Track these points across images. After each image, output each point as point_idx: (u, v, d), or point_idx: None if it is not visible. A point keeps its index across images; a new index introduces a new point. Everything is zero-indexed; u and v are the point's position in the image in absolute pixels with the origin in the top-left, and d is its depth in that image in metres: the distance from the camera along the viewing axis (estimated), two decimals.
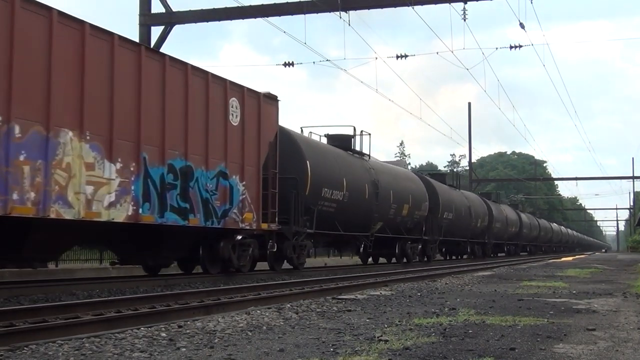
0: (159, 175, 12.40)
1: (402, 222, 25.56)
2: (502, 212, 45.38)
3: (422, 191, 27.86)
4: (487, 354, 4.75)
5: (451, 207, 32.01)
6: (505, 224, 45.81)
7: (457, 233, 33.88)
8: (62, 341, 5.27)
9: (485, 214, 39.56)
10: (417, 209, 26.67)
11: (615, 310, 7.97)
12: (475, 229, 37.25)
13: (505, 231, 46.18)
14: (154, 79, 12.40)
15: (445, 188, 32.90)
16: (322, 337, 5.53)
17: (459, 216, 33.22)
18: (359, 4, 21.17)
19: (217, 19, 22.53)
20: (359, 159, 22.77)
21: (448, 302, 8.74)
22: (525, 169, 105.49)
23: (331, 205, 19.47)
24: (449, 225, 31.71)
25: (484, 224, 39.09)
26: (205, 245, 14.78)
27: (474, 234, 37.64)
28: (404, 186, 25.86)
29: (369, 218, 22.47)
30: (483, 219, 38.83)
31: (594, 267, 23.40)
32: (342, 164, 20.78)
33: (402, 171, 28.57)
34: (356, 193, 21.04)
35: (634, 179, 69.91)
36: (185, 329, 6.02)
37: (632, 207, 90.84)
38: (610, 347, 5.21)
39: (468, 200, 36.02)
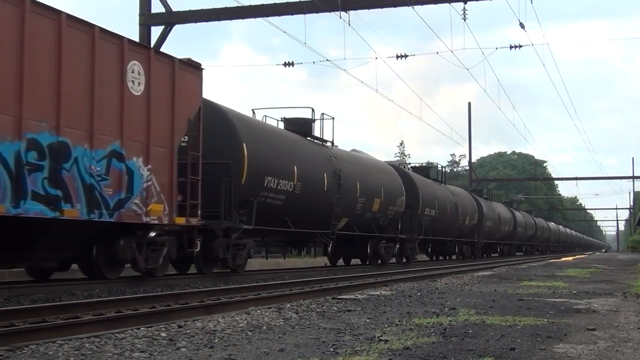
0: (12, 153, 9.53)
1: (372, 218, 22.92)
2: (494, 210, 43.11)
3: (397, 184, 25.04)
4: (487, 354, 4.75)
5: (434, 202, 29.48)
6: (498, 223, 43.37)
7: (442, 231, 31.43)
8: (62, 341, 5.27)
9: (474, 212, 36.93)
10: (392, 203, 24.06)
11: (615, 310, 7.98)
12: (463, 227, 34.88)
13: (498, 230, 43.85)
14: (7, 24, 9.67)
15: (427, 182, 30.27)
16: (322, 337, 5.54)
17: (443, 213, 30.75)
18: (359, 4, 21.17)
19: (217, 19, 22.53)
20: (318, 145, 20.14)
21: (448, 302, 8.74)
22: (525, 169, 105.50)
23: (277, 197, 16.81)
24: (432, 222, 29.33)
25: (472, 222, 36.59)
26: (100, 244, 12.13)
27: (462, 232, 35.34)
28: (374, 178, 23.10)
29: (328, 213, 19.73)
30: (472, 217, 36.28)
31: (594, 267, 23.40)
32: (294, 150, 18.09)
33: (372, 161, 25.38)
34: (311, 184, 18.39)
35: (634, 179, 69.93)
36: (185, 329, 6.02)
37: (632, 207, 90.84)
38: (610, 347, 5.21)
39: (455, 196, 33.64)
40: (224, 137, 15.13)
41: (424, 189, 28.40)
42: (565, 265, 25.70)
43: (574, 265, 24.58)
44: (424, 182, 29.38)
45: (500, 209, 45.99)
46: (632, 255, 56.95)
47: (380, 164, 25.71)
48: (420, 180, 28.96)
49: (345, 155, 22.05)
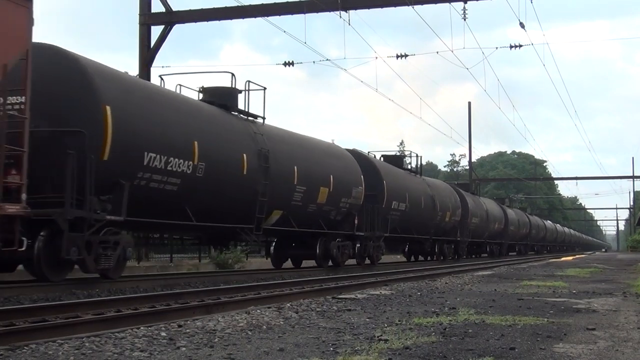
0: None
1: (319, 212, 19.20)
2: (481, 206, 39.63)
3: (353, 172, 21.32)
4: (487, 354, 4.75)
5: (403, 195, 25.79)
6: (486, 220, 39.77)
7: (416, 228, 27.85)
8: (62, 340, 5.27)
9: (456, 207, 33.19)
10: (345, 194, 20.40)
11: (615, 310, 7.97)
12: (442, 224, 31.23)
13: (486, 228, 40.27)
14: None
15: (395, 172, 26.42)
16: (322, 337, 5.54)
17: (416, 207, 27.21)
18: (359, 3, 21.18)
19: (217, 19, 22.56)
20: (240, 120, 16.51)
21: (448, 302, 8.74)
22: (525, 169, 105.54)
23: (168, 180, 13.16)
24: (402, 218, 25.79)
25: (455, 219, 32.88)
26: None
27: (442, 230, 31.73)
28: (320, 163, 19.36)
29: (250, 203, 15.97)
30: (454, 213, 32.67)
31: (594, 266, 23.40)
32: (195, 121, 14.42)
33: (319, 143, 20.90)
34: (221, 165, 14.80)
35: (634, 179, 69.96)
36: (185, 328, 6.01)
37: (632, 206, 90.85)
38: (610, 346, 5.21)
39: (432, 189, 29.98)
40: (74, 97, 11.59)
41: (391, 179, 24.80)
42: (565, 264, 25.70)
43: (574, 265, 24.57)
44: (391, 171, 25.73)
45: (490, 205, 43.03)
46: (632, 255, 56.94)
47: (331, 147, 21.68)
48: (387, 168, 25.35)
49: (278, 133, 18.12)
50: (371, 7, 21.49)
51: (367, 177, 22.39)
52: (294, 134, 19.56)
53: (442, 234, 32.00)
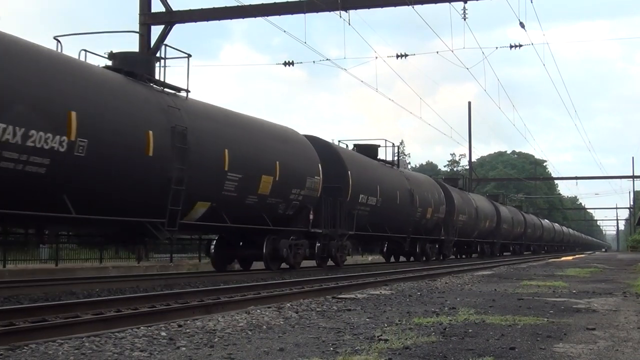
0: None
1: (261, 205, 16.35)
2: (470, 202, 36.67)
3: (308, 159, 18.67)
4: (487, 354, 4.75)
5: (373, 188, 22.98)
6: (476, 218, 36.83)
7: (389, 226, 24.76)
8: (62, 340, 5.26)
9: (440, 203, 30.40)
10: (297, 185, 17.75)
11: (615, 310, 7.97)
12: (423, 221, 28.47)
13: (476, 226, 37.31)
14: None
15: (365, 162, 23.62)
16: (322, 337, 5.53)
17: (390, 202, 24.30)
18: (359, 3, 21.17)
19: (217, 19, 22.54)
20: (152, 91, 13.72)
21: (448, 302, 8.74)
22: (525, 169, 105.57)
23: (30, 160, 10.35)
24: (372, 214, 22.93)
25: (438, 216, 30.15)
26: None
27: (424, 228, 28.92)
28: (262, 147, 16.42)
29: (160, 192, 13.05)
30: (437, 209, 29.93)
31: (594, 266, 23.40)
32: (77, 87, 11.51)
33: (261, 124, 17.72)
34: (114, 144, 11.95)
35: (634, 178, 69.95)
36: (185, 328, 6.01)
37: (632, 206, 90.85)
38: (610, 346, 5.21)
39: (411, 183, 27.09)
40: None
41: (358, 170, 22.00)
42: (565, 264, 25.70)
43: (574, 265, 24.57)
44: (359, 161, 23.04)
45: (480, 202, 39.97)
46: (632, 254, 56.94)
47: (279, 130, 18.48)
48: (354, 158, 22.69)
49: (204, 109, 15.17)
50: (371, 7, 21.47)
51: (328, 166, 19.77)
52: (227, 111, 16.27)
53: (424, 232, 29.08)
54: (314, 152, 19.16)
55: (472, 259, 37.78)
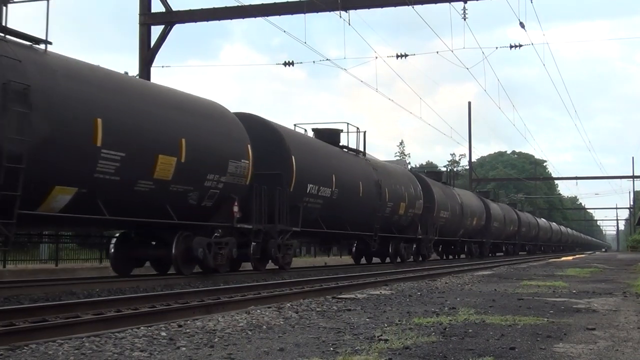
0: None
1: (162, 193, 13.10)
2: (454, 198, 33.45)
3: (234, 139, 15.27)
4: (487, 354, 4.75)
5: (327, 177, 19.38)
6: (460, 215, 33.68)
7: (350, 222, 21.37)
8: (62, 340, 5.27)
9: (417, 198, 27.01)
10: (216, 169, 14.39)
11: (615, 310, 7.97)
12: (395, 217, 25.07)
13: (461, 224, 34.19)
14: None
15: (318, 147, 20.35)
16: (322, 337, 5.53)
17: (349, 194, 20.84)
18: (359, 3, 21.19)
19: (217, 19, 22.57)
20: None
21: (448, 302, 8.74)
22: (525, 169, 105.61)
23: None
24: (326, 207, 19.38)
25: (414, 212, 26.69)
26: None
27: (396, 225, 25.46)
28: (159, 119, 13.13)
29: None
30: (412, 204, 26.38)
31: (594, 266, 23.40)
32: None
33: (162, 90, 14.35)
34: None
35: (634, 178, 69.97)
36: (185, 328, 6.01)
37: (632, 206, 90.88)
38: (610, 346, 5.21)
39: (379, 174, 23.71)
40: None
41: (306, 156, 18.67)
42: (565, 264, 25.70)
43: (574, 265, 24.58)
44: (309, 145, 19.82)
45: (467, 198, 36.49)
46: (632, 254, 56.95)
47: (190, 101, 14.90)
48: (301, 142, 19.43)
49: (69, 65, 11.95)
50: (371, 7, 21.49)
51: (266, 149, 16.86)
52: (107, 72, 13.00)
53: (396, 230, 25.82)
54: (241, 131, 15.68)
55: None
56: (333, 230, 20.77)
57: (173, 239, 14.01)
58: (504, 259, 37.00)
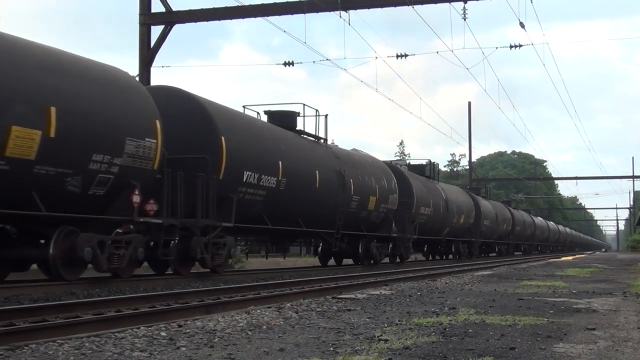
0: None
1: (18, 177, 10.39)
2: (437, 193, 30.91)
3: (135, 112, 12.53)
4: (487, 354, 4.75)
5: (271, 164, 16.68)
6: (445, 212, 31.31)
7: (305, 217, 18.56)
8: (62, 340, 5.27)
9: (390, 191, 24.02)
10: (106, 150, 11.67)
11: (615, 310, 7.97)
12: (364, 213, 22.20)
13: (445, 222, 31.66)
14: None
15: (257, 125, 17.63)
16: (322, 337, 5.53)
17: (301, 185, 18.24)
18: (359, 3, 21.19)
19: (217, 19, 22.57)
20: None
21: (448, 302, 8.74)
22: (525, 169, 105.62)
23: None
24: (270, 200, 16.69)
25: (387, 207, 23.70)
26: None
27: (365, 222, 22.54)
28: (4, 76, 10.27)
29: None
30: (385, 199, 23.42)
31: (594, 266, 23.40)
32: None
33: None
34: None
35: (634, 178, 69.97)
36: (185, 328, 6.02)
37: (632, 206, 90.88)
38: (610, 346, 5.21)
39: (341, 162, 20.66)
40: None
41: (242, 138, 15.89)
42: (565, 264, 25.70)
43: (574, 265, 24.57)
44: (247, 125, 16.96)
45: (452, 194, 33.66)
46: (632, 254, 56.95)
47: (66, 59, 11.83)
48: (236, 120, 16.46)
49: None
50: (371, 7, 21.49)
51: (187, 128, 14.46)
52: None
53: (366, 228, 22.79)
54: (147, 104, 13.05)
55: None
56: (281, 226, 17.68)
57: (52, 237, 11.40)
58: (503, 259, 36.90)
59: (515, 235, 48.78)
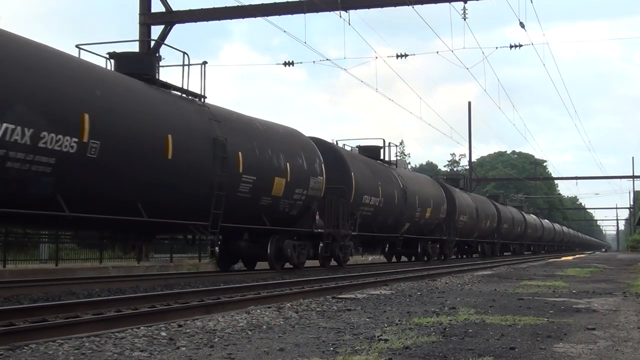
0: None
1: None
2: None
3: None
4: (487, 353, 4.75)
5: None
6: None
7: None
8: (62, 340, 5.26)
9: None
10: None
11: (615, 310, 7.97)
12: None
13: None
14: None
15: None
16: (322, 337, 5.53)
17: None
18: (358, 3, 21.19)
19: (217, 19, 22.57)
20: None
21: (448, 302, 8.74)
22: (525, 169, 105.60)
23: None
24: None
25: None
26: None
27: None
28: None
29: None
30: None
31: (594, 266, 23.40)
32: None
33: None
34: None
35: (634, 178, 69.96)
36: (185, 328, 6.01)
37: (632, 206, 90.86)
38: (610, 346, 5.21)
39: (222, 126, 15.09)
40: None
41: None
42: (565, 264, 25.70)
43: (574, 265, 24.57)
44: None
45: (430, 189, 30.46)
46: (632, 254, 56.95)
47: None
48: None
49: None
50: (371, 7, 21.49)
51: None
52: None
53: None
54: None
55: (473, 259, 34.17)
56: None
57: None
58: (505, 259, 36.89)
59: (501, 233, 43.69)
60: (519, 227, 50.12)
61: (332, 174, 20.32)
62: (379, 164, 25.89)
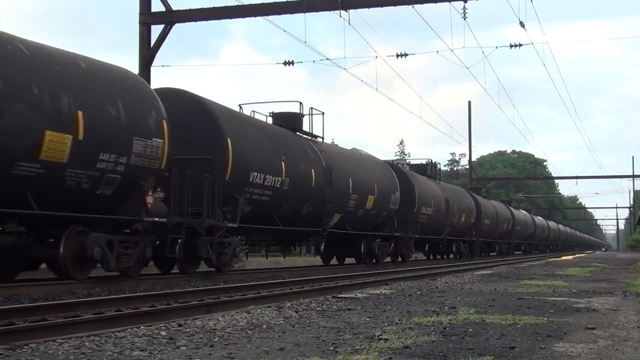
0: None
1: None
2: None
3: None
4: (487, 353, 4.75)
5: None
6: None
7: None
8: (62, 340, 5.26)
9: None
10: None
11: (615, 309, 7.97)
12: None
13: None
14: None
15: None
16: (322, 336, 5.53)
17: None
18: (358, 2, 21.19)
19: (217, 18, 22.57)
20: None
21: (448, 301, 8.74)
22: (525, 168, 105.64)
23: None
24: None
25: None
26: None
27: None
28: None
29: None
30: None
31: (594, 265, 23.40)
32: None
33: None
34: None
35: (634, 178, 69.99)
36: (185, 327, 6.01)
37: (632, 205, 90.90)
38: (610, 345, 5.21)
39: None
40: None
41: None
42: (565, 264, 25.70)
43: (574, 264, 24.56)
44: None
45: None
46: (632, 254, 56.96)
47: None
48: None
49: None
50: (371, 7, 21.49)
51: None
52: None
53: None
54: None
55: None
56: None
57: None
58: (503, 259, 36.87)
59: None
60: (505, 224, 45.60)
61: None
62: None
